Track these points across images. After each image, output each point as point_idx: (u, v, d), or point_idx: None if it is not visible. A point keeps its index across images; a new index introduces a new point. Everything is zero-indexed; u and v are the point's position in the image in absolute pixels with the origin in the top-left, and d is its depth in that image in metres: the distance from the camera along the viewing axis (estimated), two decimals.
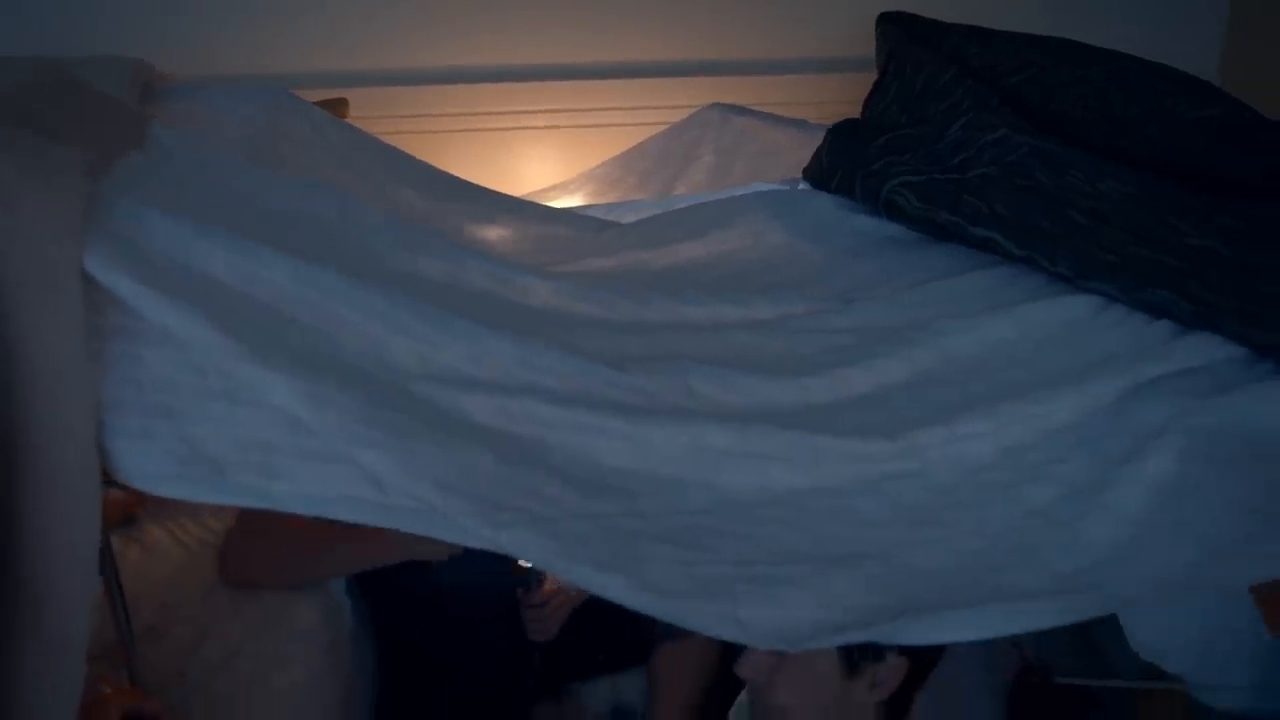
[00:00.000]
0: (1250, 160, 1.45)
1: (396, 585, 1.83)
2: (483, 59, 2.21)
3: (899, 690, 1.16)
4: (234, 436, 0.91)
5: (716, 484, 1.01)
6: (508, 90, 2.24)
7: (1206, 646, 1.34)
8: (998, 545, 1.01)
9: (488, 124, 2.26)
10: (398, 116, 2.12)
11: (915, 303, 1.26)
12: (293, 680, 1.52)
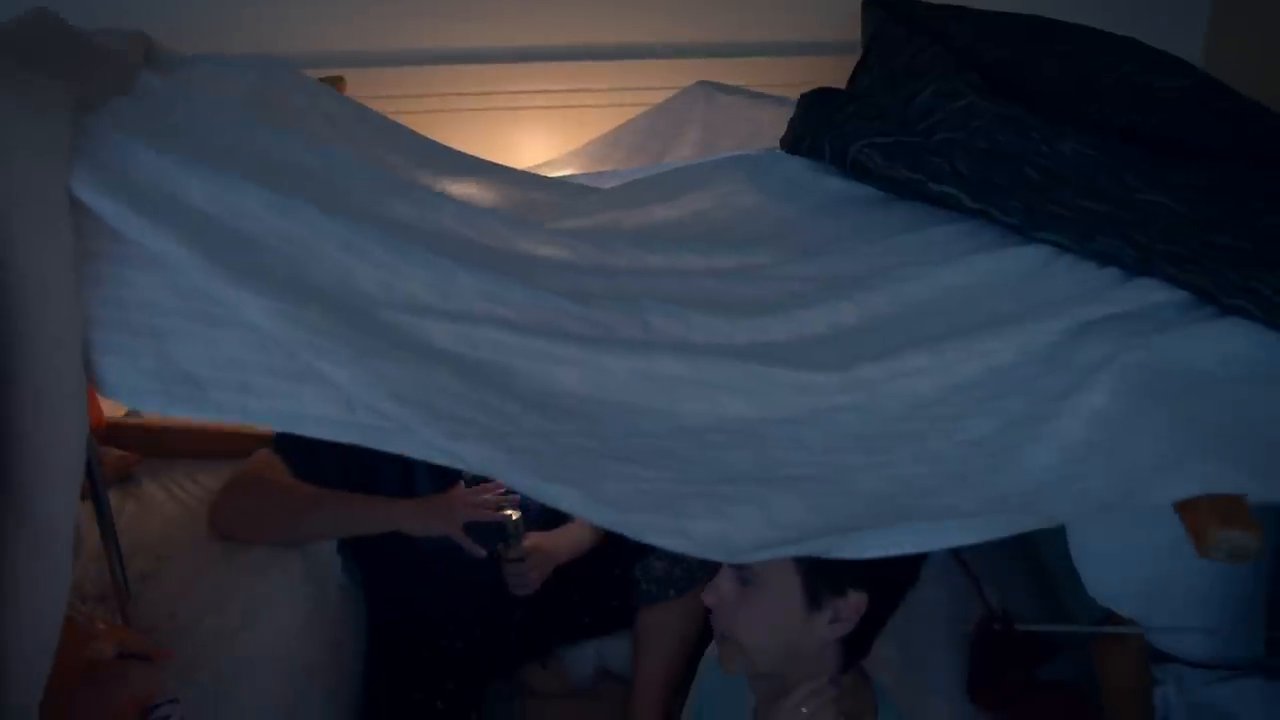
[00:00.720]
0: (1217, 127, 1.50)
1: (383, 547, 1.88)
2: (476, 41, 2.28)
3: (859, 629, 1.19)
4: (212, 356, 0.97)
5: (670, 411, 1.06)
6: (501, 71, 2.30)
7: (1158, 592, 1.39)
8: (937, 471, 1.06)
9: (481, 104, 2.32)
10: (393, 97, 2.17)
11: (874, 254, 1.31)
12: (279, 625, 1.57)
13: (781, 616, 1.15)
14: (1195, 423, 1.03)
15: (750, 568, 1.15)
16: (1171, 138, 1.48)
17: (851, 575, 1.12)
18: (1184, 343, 1.12)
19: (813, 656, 1.18)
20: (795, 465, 1.05)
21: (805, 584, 1.13)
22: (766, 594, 1.15)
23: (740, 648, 1.20)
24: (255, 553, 1.67)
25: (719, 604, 1.20)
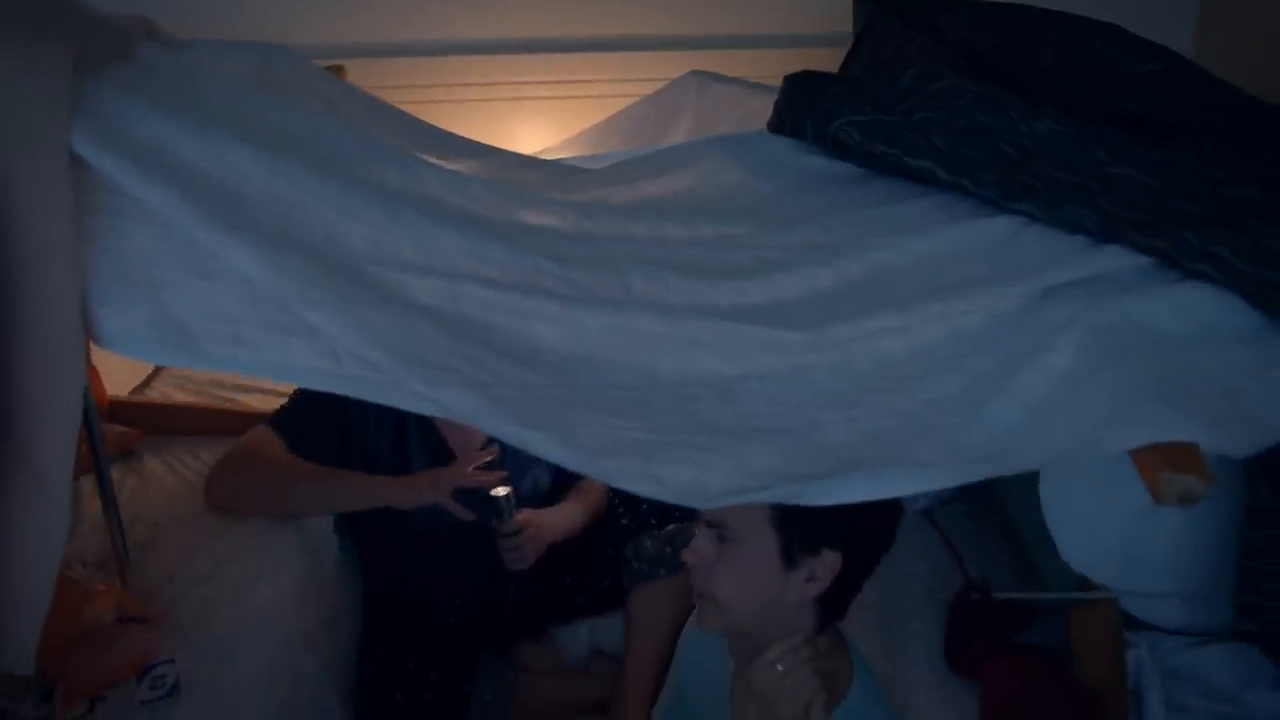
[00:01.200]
0: (1191, 107, 1.54)
1: (379, 527, 1.92)
2: (474, 32, 2.33)
3: (834, 589, 1.21)
4: (206, 308, 1.01)
5: (647, 366, 1.10)
6: (499, 62, 2.36)
7: (1131, 558, 1.42)
8: (904, 425, 1.09)
9: (479, 94, 2.37)
10: (391, 87, 2.21)
11: (850, 225, 1.35)
12: (274, 593, 1.61)
13: (758, 574, 1.18)
14: (1152, 377, 1.06)
15: (728, 527, 1.18)
16: (1149, 119, 1.52)
17: (826, 534, 1.16)
18: (1146, 305, 1.16)
19: (788, 615, 1.21)
20: (767, 419, 1.09)
21: (781, 543, 1.16)
22: (743, 552, 1.18)
23: (718, 605, 1.22)
24: (252, 525, 1.71)
25: (698, 562, 1.22)
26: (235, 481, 1.75)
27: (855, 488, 1.00)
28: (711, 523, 1.21)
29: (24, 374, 1.00)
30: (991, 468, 1.03)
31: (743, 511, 1.16)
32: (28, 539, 1.03)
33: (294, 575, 1.68)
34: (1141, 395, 1.03)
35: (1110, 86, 1.58)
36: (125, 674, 1.41)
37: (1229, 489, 1.34)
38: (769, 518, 1.16)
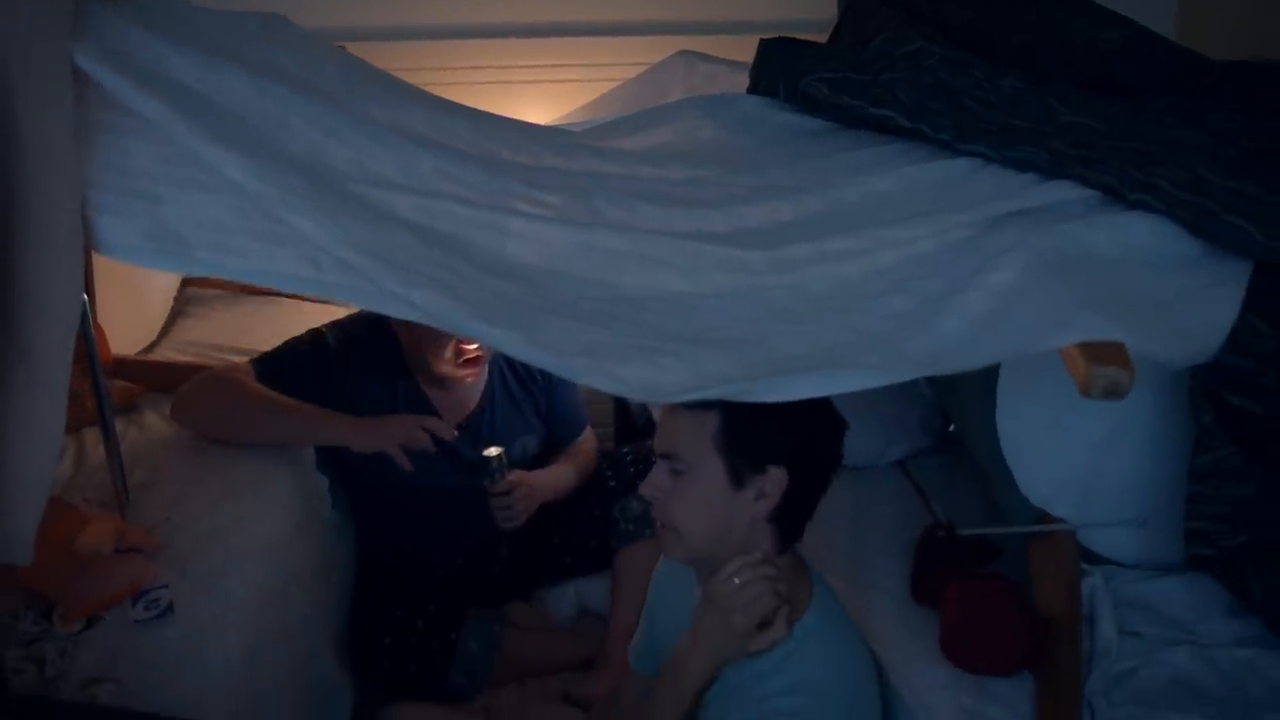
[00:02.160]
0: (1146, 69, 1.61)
1: (371, 486, 1.99)
2: (469, 17, 2.42)
3: (786, 507, 1.26)
4: (199, 219, 1.08)
5: (612, 282, 1.17)
6: (492, 46, 2.44)
7: (1088, 491, 1.47)
8: (857, 339, 1.16)
9: (472, 78, 2.46)
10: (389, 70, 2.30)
11: (813, 168, 1.42)
12: (267, 532, 1.67)
13: (711, 498, 1.25)
14: (1087, 291, 1.12)
15: (679, 457, 1.25)
16: (1109, 81, 1.59)
17: (770, 452, 1.22)
18: (1088, 231, 1.22)
19: (744, 536, 1.27)
20: (724, 330, 1.16)
21: (728, 465, 1.23)
22: (695, 479, 1.25)
23: (678, 533, 1.28)
24: (246, 468, 1.78)
25: (655, 494, 1.29)
26: (202, 404, 1.81)
27: (801, 386, 1.07)
28: (664, 455, 1.28)
29: (26, 276, 1.07)
30: (931, 369, 1.09)
31: (690, 440, 1.24)
32: (28, 434, 1.10)
33: (287, 518, 1.75)
34: (1076, 305, 1.09)
35: (1080, 56, 1.65)
36: (121, 597, 1.46)
37: (1182, 423, 1.39)
38: (714, 442, 1.23)
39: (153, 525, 1.62)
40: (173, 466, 1.79)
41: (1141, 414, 1.43)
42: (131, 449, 1.83)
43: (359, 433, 1.84)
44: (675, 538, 1.30)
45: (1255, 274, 1.25)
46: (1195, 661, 1.39)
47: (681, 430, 1.25)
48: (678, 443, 1.26)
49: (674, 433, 1.26)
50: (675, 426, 1.26)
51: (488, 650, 1.96)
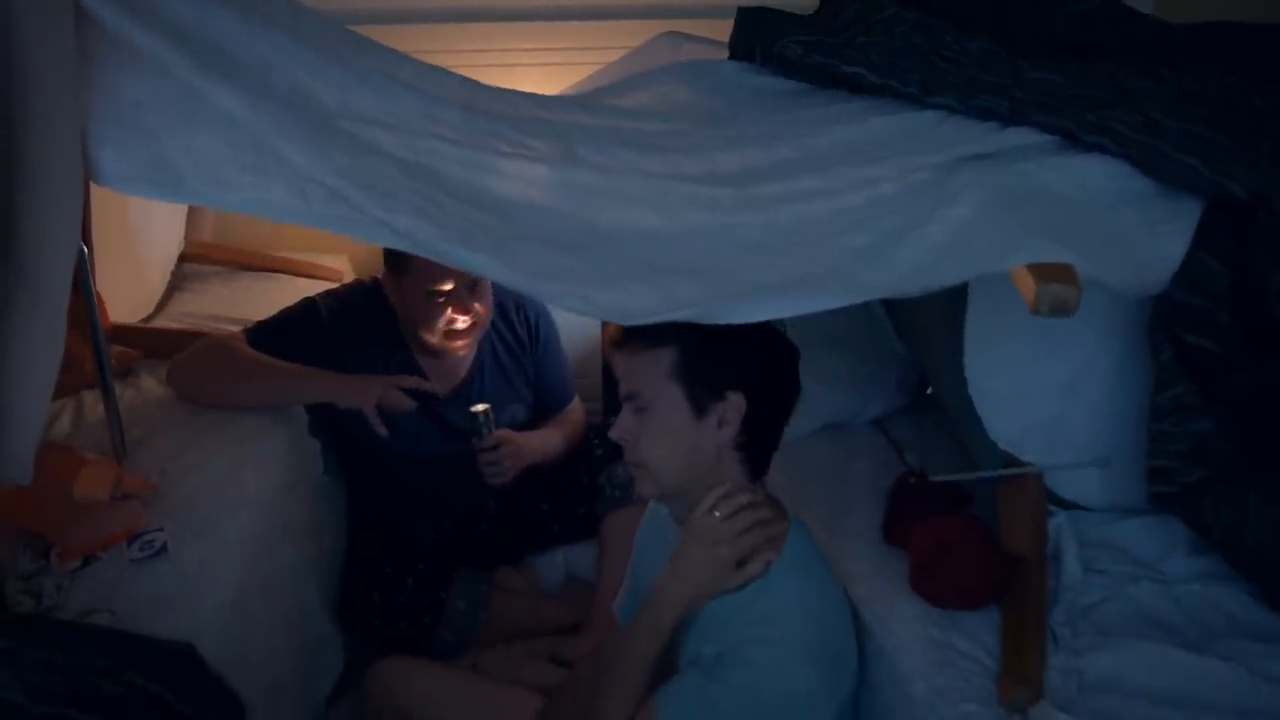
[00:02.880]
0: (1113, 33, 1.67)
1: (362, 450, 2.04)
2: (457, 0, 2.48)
3: (748, 436, 1.30)
4: (194, 152, 1.14)
5: (586, 217, 1.22)
6: (482, 30, 2.51)
7: (1052, 433, 1.52)
8: (824, 270, 1.21)
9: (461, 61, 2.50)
10: None
11: (786, 121, 1.47)
12: (261, 485, 1.71)
13: (674, 430, 1.29)
14: (1041, 222, 1.18)
15: (640, 394, 1.30)
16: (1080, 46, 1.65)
17: (727, 378, 1.27)
18: (1043, 171, 1.28)
19: (712, 465, 1.31)
20: (694, 262, 1.21)
21: (688, 395, 1.28)
22: (657, 413, 1.29)
23: (648, 470, 1.33)
24: (241, 426, 1.82)
25: (623, 435, 1.33)
26: (196, 368, 1.86)
27: (765, 307, 1.13)
28: (627, 397, 1.32)
29: (27, 204, 1.12)
30: (886, 292, 1.15)
31: (648, 377, 1.28)
32: (29, 358, 1.15)
33: (279, 474, 1.79)
34: (1027, 232, 1.15)
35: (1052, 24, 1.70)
36: (117, 539, 1.51)
37: (1145, 368, 1.44)
38: (672, 376, 1.27)
39: (148, 476, 1.66)
40: (168, 425, 1.83)
41: (1104, 359, 1.48)
42: (128, 409, 1.87)
43: (343, 389, 1.89)
44: (646, 474, 1.34)
45: (1207, 214, 1.31)
46: (1157, 596, 1.43)
47: (640, 369, 1.29)
48: (638, 382, 1.30)
49: (633, 373, 1.30)
50: (634, 367, 1.30)
51: (476, 609, 2.00)
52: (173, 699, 1.19)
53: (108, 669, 1.17)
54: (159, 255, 2.36)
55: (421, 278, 1.86)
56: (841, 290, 1.16)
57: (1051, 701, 1.27)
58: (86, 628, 1.23)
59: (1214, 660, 1.31)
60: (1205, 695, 1.28)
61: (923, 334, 1.77)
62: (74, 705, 1.15)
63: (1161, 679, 1.30)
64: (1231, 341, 1.36)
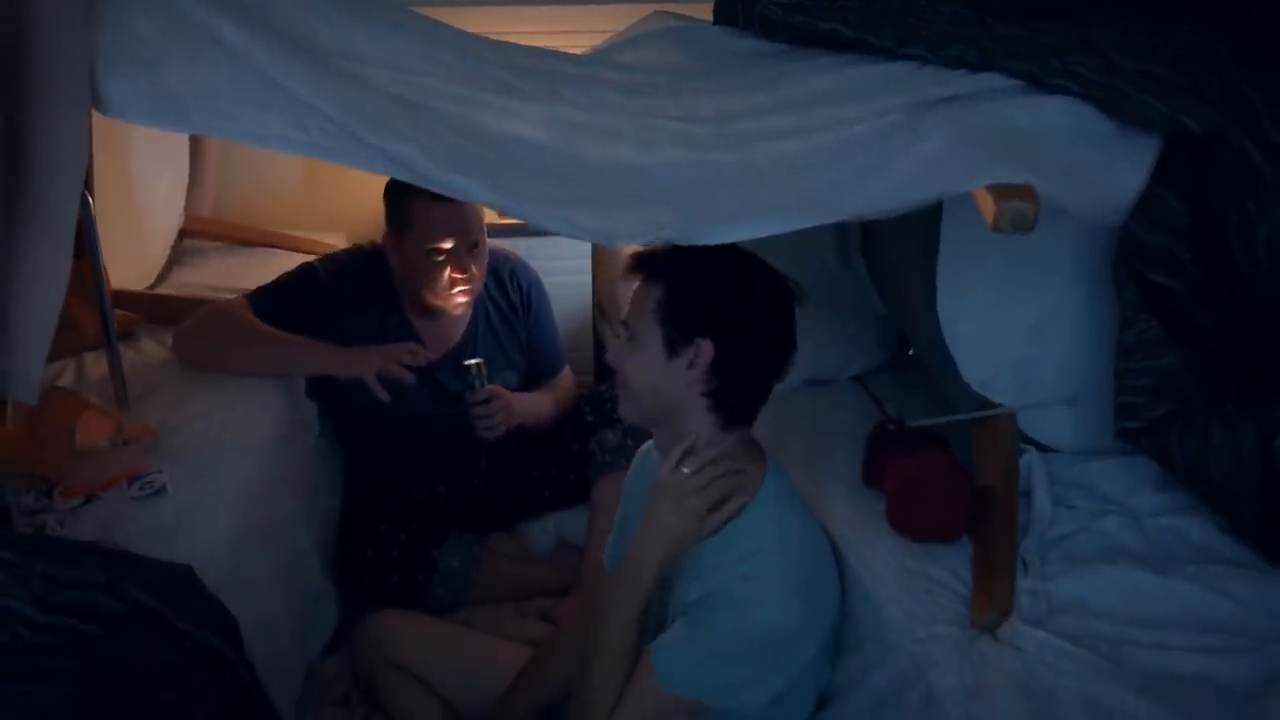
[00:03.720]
0: None
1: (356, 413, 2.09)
2: None
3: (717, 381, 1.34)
4: (198, 84, 1.20)
5: (571, 153, 1.28)
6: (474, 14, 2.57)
7: (1025, 375, 1.57)
8: (794, 201, 1.27)
9: None
10: None
11: (764, 75, 1.53)
12: (259, 435, 1.77)
13: (651, 363, 1.35)
14: (1004, 151, 1.24)
15: (631, 325, 1.36)
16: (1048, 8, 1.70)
17: (697, 325, 1.32)
18: (1008, 109, 1.34)
19: (681, 401, 1.36)
20: (673, 193, 1.27)
21: (664, 334, 1.33)
22: (641, 345, 1.36)
23: (630, 392, 1.40)
24: (241, 383, 1.88)
25: (615, 358, 1.40)
26: (200, 335, 1.91)
27: (739, 229, 1.18)
28: (624, 321, 1.39)
29: (36, 135, 1.18)
30: (855, 216, 1.21)
31: (638, 308, 1.35)
32: (37, 284, 1.21)
33: (276, 427, 1.84)
34: (991, 158, 1.21)
35: None
36: (118, 479, 1.56)
37: (1111, 313, 1.49)
38: (654, 313, 1.33)
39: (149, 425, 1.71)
40: (168, 383, 1.89)
41: (1071, 303, 1.53)
42: (130, 369, 1.91)
43: (343, 361, 1.94)
44: (628, 397, 1.41)
45: (1166, 153, 1.37)
46: (1125, 529, 1.47)
47: (635, 298, 1.37)
48: (630, 310, 1.37)
49: (632, 300, 1.38)
50: (634, 295, 1.37)
51: (468, 567, 2.05)
52: (172, 615, 1.24)
53: (109, 585, 1.22)
54: (159, 229, 2.42)
55: (422, 236, 1.91)
56: (814, 213, 1.22)
57: (1020, 619, 1.31)
58: (89, 546, 1.27)
59: (1178, 581, 1.35)
60: (1170, 613, 1.32)
61: (901, 282, 1.82)
62: (76, 616, 1.20)
63: (1127, 600, 1.34)
64: (1194, 279, 1.42)
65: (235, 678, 1.26)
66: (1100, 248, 1.49)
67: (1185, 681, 1.23)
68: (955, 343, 1.57)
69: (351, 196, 2.65)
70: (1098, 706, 1.20)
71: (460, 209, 1.92)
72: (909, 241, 1.72)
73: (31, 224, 1.18)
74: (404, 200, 1.93)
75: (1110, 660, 1.26)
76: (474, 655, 1.85)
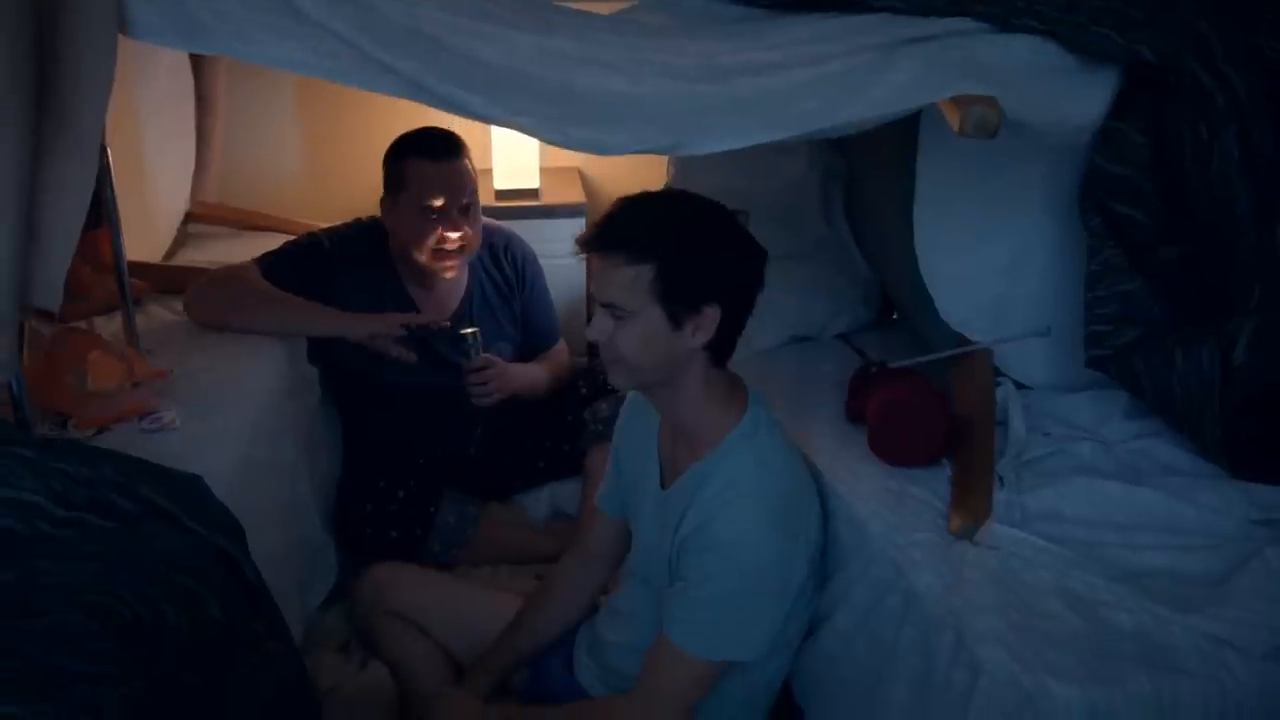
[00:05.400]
0: None
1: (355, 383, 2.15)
2: None
3: (719, 338, 1.38)
4: (217, 9, 1.27)
5: (565, 81, 1.36)
6: None
7: (997, 313, 1.65)
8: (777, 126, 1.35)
9: None
10: None
11: (748, 29, 1.62)
12: (264, 386, 1.82)
13: (653, 339, 1.36)
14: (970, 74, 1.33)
15: (620, 306, 1.35)
16: None
17: (704, 294, 1.34)
18: (977, 45, 1.43)
19: (682, 364, 1.40)
20: (662, 117, 1.35)
21: (666, 311, 1.34)
22: (636, 323, 1.36)
23: (625, 365, 1.40)
24: (247, 340, 1.94)
25: (599, 337, 1.40)
26: (211, 294, 1.98)
27: (722, 139, 1.26)
28: (605, 304, 1.38)
29: (66, 56, 1.25)
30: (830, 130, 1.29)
31: (628, 290, 1.34)
32: (63, 195, 1.27)
33: (282, 380, 1.90)
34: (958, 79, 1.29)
35: None
36: (127, 416, 1.62)
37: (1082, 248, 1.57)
38: (651, 291, 1.33)
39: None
40: (175, 341, 1.95)
41: (1042, 241, 1.62)
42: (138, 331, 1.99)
43: (339, 324, 2.00)
44: (623, 369, 1.41)
45: (1127, 89, 1.46)
46: (1096, 453, 1.54)
47: (620, 281, 1.34)
48: (617, 293, 1.35)
49: (612, 284, 1.36)
50: (613, 278, 1.35)
51: (464, 524, 2.10)
52: (184, 516, 1.29)
53: (124, 485, 1.27)
54: (167, 210, 2.50)
55: (415, 194, 1.99)
56: (793, 126, 1.31)
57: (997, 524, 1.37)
58: (106, 451, 1.32)
59: (1146, 490, 1.42)
60: (1139, 518, 1.39)
61: (881, 238, 1.90)
62: (93, 513, 1.25)
63: (1099, 507, 1.41)
64: (1156, 211, 1.50)
65: (243, 577, 1.31)
66: (1069, 189, 1.58)
67: (1154, 573, 1.30)
68: (933, 282, 1.64)
69: (350, 185, 2.74)
70: (1072, 594, 1.26)
71: (453, 168, 2.00)
72: (887, 198, 1.81)
73: (60, 138, 1.25)
74: (399, 160, 2.02)
75: (1084, 556, 1.32)
76: (471, 603, 1.89)
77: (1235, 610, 1.20)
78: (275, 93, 2.81)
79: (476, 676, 1.73)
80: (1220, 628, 1.18)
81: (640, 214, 1.35)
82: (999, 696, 1.15)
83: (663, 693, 1.43)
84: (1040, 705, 1.11)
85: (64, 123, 1.26)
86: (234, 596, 1.26)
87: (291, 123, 2.85)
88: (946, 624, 1.25)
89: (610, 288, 1.36)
